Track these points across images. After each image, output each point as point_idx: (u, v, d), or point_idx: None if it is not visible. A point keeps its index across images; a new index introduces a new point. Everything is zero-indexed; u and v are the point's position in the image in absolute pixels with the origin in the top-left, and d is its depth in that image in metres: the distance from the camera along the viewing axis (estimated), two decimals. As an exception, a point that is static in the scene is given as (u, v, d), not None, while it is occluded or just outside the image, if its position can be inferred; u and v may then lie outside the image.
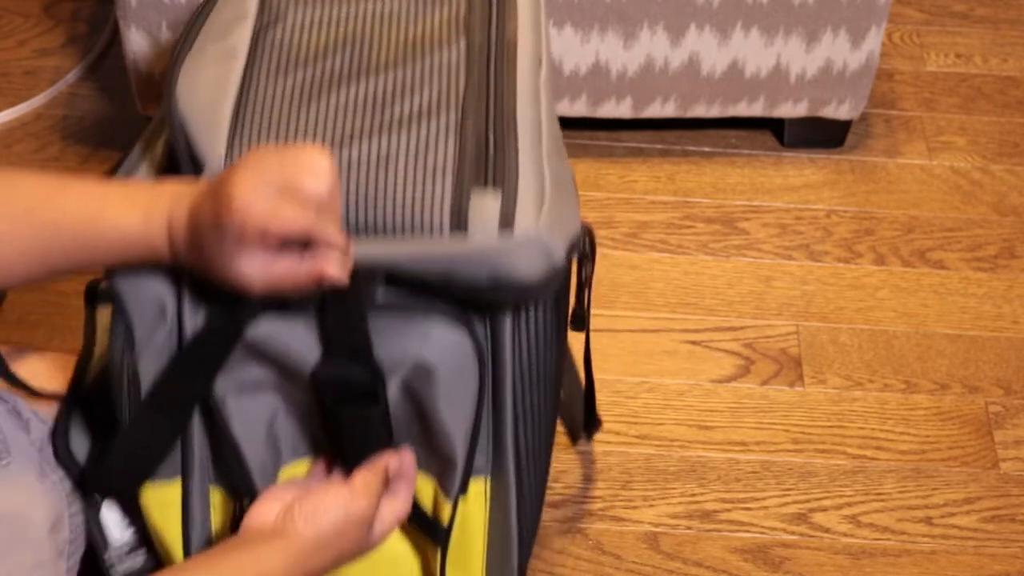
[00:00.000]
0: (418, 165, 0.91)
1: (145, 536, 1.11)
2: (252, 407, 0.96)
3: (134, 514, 1.05)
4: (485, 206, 0.89)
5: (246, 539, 0.92)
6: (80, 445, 1.04)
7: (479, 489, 1.02)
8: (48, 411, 1.05)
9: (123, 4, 1.41)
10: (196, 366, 0.93)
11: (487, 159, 0.91)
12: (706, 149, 1.63)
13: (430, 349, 0.92)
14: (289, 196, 0.83)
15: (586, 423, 1.27)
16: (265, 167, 0.84)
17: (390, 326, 0.91)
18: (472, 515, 1.04)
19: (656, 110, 1.55)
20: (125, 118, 1.62)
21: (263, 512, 0.93)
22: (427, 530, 1.04)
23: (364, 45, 0.99)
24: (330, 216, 0.85)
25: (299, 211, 0.83)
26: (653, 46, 1.48)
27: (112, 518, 1.08)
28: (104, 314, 1.15)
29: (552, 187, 0.92)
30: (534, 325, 0.97)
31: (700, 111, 1.55)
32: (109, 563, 1.09)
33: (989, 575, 1.25)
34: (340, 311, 0.89)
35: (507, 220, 0.88)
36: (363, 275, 0.88)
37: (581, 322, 1.06)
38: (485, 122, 0.94)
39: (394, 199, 0.89)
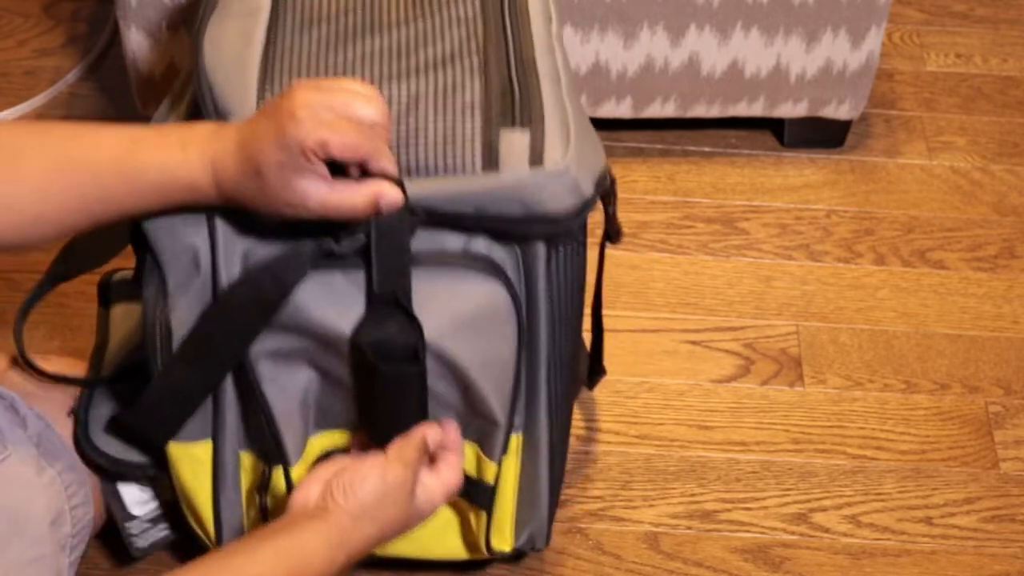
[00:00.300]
0: (447, 105, 0.93)
1: (167, 509, 1.11)
2: (285, 373, 0.97)
3: (159, 469, 1.05)
4: (515, 143, 0.91)
5: (287, 523, 0.92)
6: (98, 434, 1.05)
7: (513, 446, 1.03)
8: (48, 407, 1.05)
9: (123, 4, 1.41)
10: (237, 323, 0.93)
11: (513, 99, 0.94)
12: (706, 149, 1.63)
13: (467, 307, 0.93)
14: (346, 120, 0.85)
15: (591, 372, 1.25)
16: (319, 90, 0.85)
17: (426, 286, 0.92)
18: (505, 472, 1.04)
19: (656, 110, 1.55)
20: (125, 118, 1.61)
21: (305, 495, 0.94)
22: (471, 495, 1.04)
23: (382, 1, 1.02)
24: (382, 146, 0.87)
25: (358, 132, 0.84)
26: (653, 46, 1.48)
27: (130, 495, 1.08)
28: (118, 310, 1.16)
29: (575, 124, 0.95)
30: (564, 270, 0.98)
31: (700, 111, 1.55)
32: (128, 536, 1.09)
33: (989, 575, 1.25)
34: (386, 247, 0.90)
35: (537, 156, 0.91)
36: (408, 210, 0.89)
37: (616, 235, 1.07)
38: (507, 65, 0.97)
39: (426, 139, 0.92)
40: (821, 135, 1.62)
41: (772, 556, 1.25)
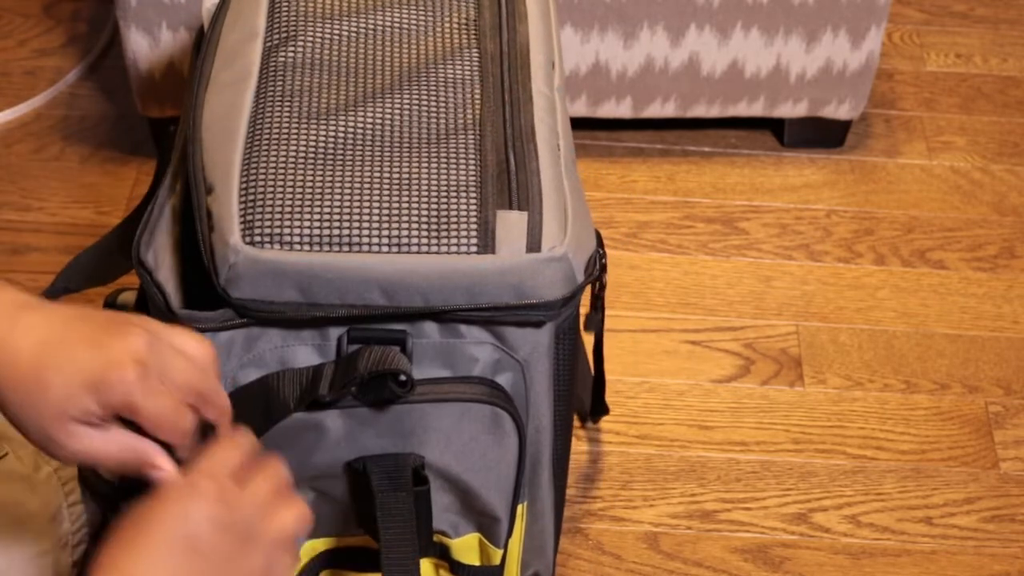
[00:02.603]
0: (440, 184, 0.90)
1: None
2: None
3: None
4: (511, 227, 0.88)
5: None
6: None
7: (518, 513, 1.02)
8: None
9: (123, 4, 1.41)
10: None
11: (509, 180, 0.90)
12: (706, 149, 1.63)
13: (466, 434, 0.91)
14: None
15: (593, 410, 1.27)
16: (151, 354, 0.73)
17: (424, 417, 0.90)
18: (511, 542, 1.03)
19: (656, 110, 1.55)
20: (125, 118, 1.62)
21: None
22: None
23: (376, 63, 0.97)
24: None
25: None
26: (653, 46, 1.48)
27: None
28: None
29: (572, 205, 0.92)
30: (564, 356, 0.96)
31: (700, 111, 1.55)
32: None
33: (989, 575, 1.25)
34: (376, 398, 0.88)
35: (534, 242, 0.88)
36: (391, 365, 0.86)
37: (596, 325, 1.08)
38: (504, 141, 0.93)
39: (419, 216, 0.88)
40: (821, 135, 1.62)
41: (772, 556, 1.25)
